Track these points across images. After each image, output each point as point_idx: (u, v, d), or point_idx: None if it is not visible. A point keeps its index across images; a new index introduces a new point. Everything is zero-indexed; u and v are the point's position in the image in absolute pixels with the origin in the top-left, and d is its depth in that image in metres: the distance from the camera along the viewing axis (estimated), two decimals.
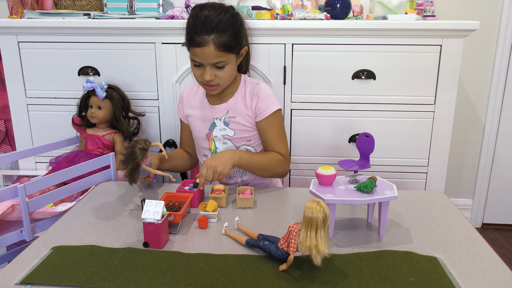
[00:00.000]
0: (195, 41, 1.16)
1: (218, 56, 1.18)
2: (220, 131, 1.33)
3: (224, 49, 1.17)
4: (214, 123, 1.33)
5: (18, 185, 1.07)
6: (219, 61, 1.19)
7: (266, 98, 1.30)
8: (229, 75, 1.24)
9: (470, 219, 2.31)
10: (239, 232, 0.95)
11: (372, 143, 0.97)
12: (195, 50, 1.18)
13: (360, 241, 0.91)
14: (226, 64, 1.20)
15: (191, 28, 1.18)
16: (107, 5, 1.67)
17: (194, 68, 1.23)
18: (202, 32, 1.15)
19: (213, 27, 1.15)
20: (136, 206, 1.10)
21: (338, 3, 1.58)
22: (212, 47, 1.16)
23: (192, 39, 1.17)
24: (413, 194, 1.17)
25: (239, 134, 1.32)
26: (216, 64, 1.19)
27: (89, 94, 1.50)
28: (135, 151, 1.09)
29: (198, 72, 1.22)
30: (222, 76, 1.22)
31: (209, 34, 1.15)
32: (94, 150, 1.47)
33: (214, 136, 1.33)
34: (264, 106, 1.29)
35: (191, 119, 1.38)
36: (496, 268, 0.81)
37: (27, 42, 1.60)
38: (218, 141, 1.34)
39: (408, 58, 1.54)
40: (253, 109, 1.31)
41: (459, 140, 2.20)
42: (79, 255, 0.84)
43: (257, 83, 1.34)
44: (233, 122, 1.31)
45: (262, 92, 1.30)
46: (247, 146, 1.34)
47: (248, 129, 1.32)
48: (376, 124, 1.61)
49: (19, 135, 1.70)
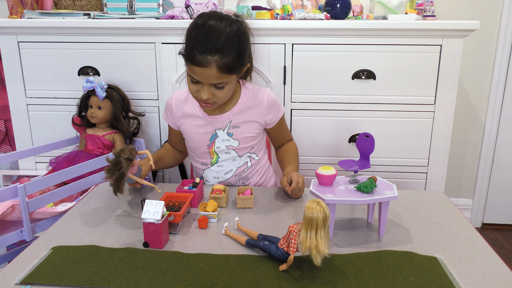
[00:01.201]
0: (195, 60, 1.05)
1: (219, 78, 1.08)
2: (223, 142, 1.25)
3: (227, 71, 1.07)
4: (215, 133, 1.25)
5: (18, 185, 1.07)
6: (220, 82, 1.10)
7: (277, 104, 1.29)
8: (227, 94, 1.15)
9: (470, 219, 2.31)
10: (239, 232, 0.95)
11: (372, 143, 0.97)
12: (194, 68, 1.07)
13: (360, 241, 0.91)
14: (226, 85, 1.12)
15: (192, 44, 1.07)
16: (107, 5, 1.67)
17: (190, 84, 1.13)
18: (205, 52, 1.04)
19: (217, 47, 1.04)
20: (136, 206, 1.10)
21: (338, 3, 1.58)
22: (214, 69, 1.05)
23: (193, 57, 1.05)
24: (413, 194, 1.17)
25: (244, 143, 1.26)
26: (216, 84, 1.10)
27: (89, 94, 1.50)
28: (120, 161, 1.02)
29: (195, 89, 1.12)
30: (220, 95, 1.13)
31: (212, 55, 1.04)
32: (94, 150, 1.47)
33: (217, 147, 1.26)
34: (277, 113, 1.29)
35: (186, 129, 1.29)
36: (496, 268, 0.81)
37: (27, 42, 1.60)
38: (220, 152, 1.27)
39: (408, 58, 1.54)
40: (265, 119, 1.27)
41: (459, 140, 2.20)
42: (79, 255, 0.84)
43: (261, 89, 1.28)
44: (238, 132, 1.25)
45: (273, 101, 1.27)
46: (251, 154, 1.30)
47: (253, 136, 1.28)
48: (376, 124, 1.61)
49: (19, 135, 1.70)
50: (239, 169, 1.30)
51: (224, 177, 1.30)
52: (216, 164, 1.29)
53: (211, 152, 1.27)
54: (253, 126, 1.26)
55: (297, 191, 1.12)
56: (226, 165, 1.29)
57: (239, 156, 1.28)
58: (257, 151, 1.32)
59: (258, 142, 1.31)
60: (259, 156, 1.33)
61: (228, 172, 1.29)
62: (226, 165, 1.29)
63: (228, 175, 1.30)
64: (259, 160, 1.33)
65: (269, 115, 1.27)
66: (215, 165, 1.29)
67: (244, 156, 1.29)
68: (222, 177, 1.30)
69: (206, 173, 1.32)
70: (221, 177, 1.30)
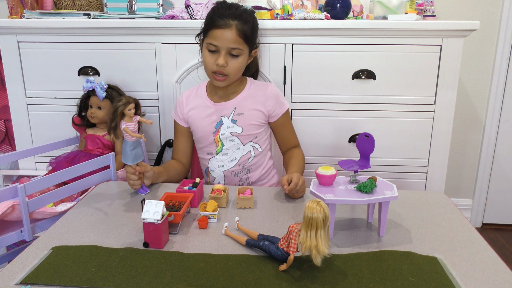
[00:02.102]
0: (217, 23, 1.21)
1: (237, 42, 1.22)
2: (228, 129, 1.34)
3: (244, 38, 1.23)
4: (221, 121, 1.34)
5: (18, 185, 1.07)
6: (236, 48, 1.23)
7: (280, 97, 1.38)
8: (239, 66, 1.26)
9: (470, 219, 2.31)
10: (239, 232, 0.95)
11: (372, 143, 0.97)
12: (215, 32, 1.21)
13: (360, 241, 0.91)
14: (240, 54, 1.25)
15: (214, 12, 1.24)
16: (107, 5, 1.67)
17: (207, 55, 1.25)
18: (226, 16, 1.21)
19: (238, 14, 1.22)
20: (136, 206, 1.10)
21: (338, 3, 1.58)
22: (234, 31, 1.21)
23: (214, 21, 1.21)
24: (413, 194, 1.17)
25: (247, 131, 1.34)
26: (233, 50, 1.23)
27: (89, 94, 1.50)
28: (118, 105, 1.10)
29: (212, 59, 1.24)
30: (233, 66, 1.25)
31: (233, 19, 1.21)
32: (94, 150, 1.47)
33: (222, 134, 1.34)
34: (279, 106, 1.37)
35: (193, 120, 1.38)
36: (496, 268, 0.81)
37: (27, 42, 1.60)
38: (225, 139, 1.35)
39: (408, 58, 1.54)
40: (268, 109, 1.35)
41: (459, 140, 2.20)
42: (79, 255, 0.84)
43: (266, 83, 1.38)
44: (241, 119, 1.33)
45: (276, 92, 1.38)
46: (254, 144, 1.37)
47: (256, 125, 1.35)
48: (376, 124, 1.61)
49: (19, 135, 1.70)
50: (242, 158, 1.37)
51: (228, 165, 1.37)
52: (221, 153, 1.37)
53: (216, 139, 1.35)
54: (256, 114, 1.35)
55: (294, 192, 1.13)
56: (230, 153, 1.36)
57: (242, 144, 1.36)
58: (260, 143, 1.38)
59: (261, 133, 1.37)
60: (262, 148, 1.39)
61: (232, 160, 1.37)
62: (231, 153, 1.36)
63: (232, 163, 1.37)
64: (262, 152, 1.39)
65: (272, 106, 1.35)
66: (220, 154, 1.36)
67: (247, 145, 1.36)
68: (227, 165, 1.37)
69: (212, 163, 1.39)
70: (226, 165, 1.37)
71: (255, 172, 1.39)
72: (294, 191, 1.12)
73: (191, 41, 1.54)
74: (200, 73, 1.58)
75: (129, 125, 1.11)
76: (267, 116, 1.37)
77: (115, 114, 1.11)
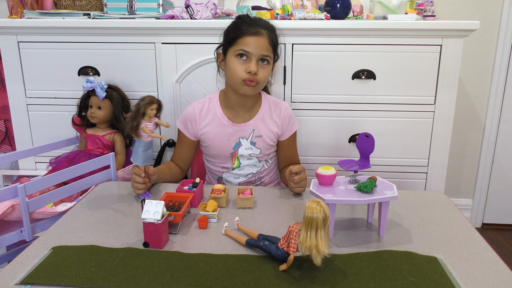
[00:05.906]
0: (249, 30, 1.21)
1: (268, 50, 1.23)
2: (247, 150, 1.35)
3: (272, 46, 1.26)
4: (239, 142, 1.34)
5: (18, 185, 1.07)
6: (267, 55, 1.23)
7: (293, 118, 1.40)
8: (267, 76, 1.27)
9: (470, 219, 2.31)
10: (239, 232, 0.95)
11: (372, 143, 0.97)
12: (247, 39, 1.21)
13: (360, 241, 0.91)
14: (269, 63, 1.26)
15: (242, 22, 1.24)
16: (107, 5, 1.67)
17: (237, 63, 1.23)
18: (257, 26, 1.23)
19: (266, 25, 1.26)
20: (136, 206, 1.10)
21: (338, 3, 1.58)
22: (266, 39, 1.23)
23: (246, 30, 1.21)
24: (413, 194, 1.17)
25: (264, 151, 1.37)
26: (264, 58, 1.23)
27: (89, 94, 1.50)
28: (140, 104, 1.06)
29: (243, 66, 1.22)
30: (263, 74, 1.24)
31: (264, 28, 1.23)
32: (94, 150, 1.47)
33: (240, 154, 1.35)
34: (290, 127, 1.39)
35: (208, 138, 1.34)
36: (496, 268, 0.81)
37: (27, 42, 1.60)
38: (242, 159, 1.37)
39: (408, 58, 1.54)
40: (281, 130, 1.37)
41: (459, 140, 2.20)
42: (79, 255, 0.84)
43: (280, 101, 1.39)
44: (260, 141, 1.35)
45: (290, 114, 1.38)
46: (268, 159, 1.41)
47: (271, 145, 1.38)
48: (376, 124, 1.61)
49: (19, 135, 1.70)
50: (258, 171, 1.40)
51: (245, 178, 1.40)
52: (237, 169, 1.39)
53: (234, 158, 1.37)
54: (272, 135, 1.36)
55: (298, 181, 1.14)
56: (247, 168, 1.39)
57: (259, 161, 1.39)
58: (271, 158, 1.42)
59: (273, 151, 1.42)
60: (273, 160, 1.44)
61: (248, 174, 1.40)
62: (247, 169, 1.39)
63: (248, 176, 1.40)
64: (272, 163, 1.44)
65: (285, 127, 1.37)
66: (236, 169, 1.39)
67: (262, 161, 1.40)
68: (243, 178, 1.41)
69: (226, 175, 1.41)
70: (242, 177, 1.41)
71: (266, 177, 1.43)
72: (298, 179, 1.13)
73: (191, 41, 1.54)
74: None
75: (148, 125, 1.08)
76: (279, 136, 1.39)
77: (137, 112, 1.06)
